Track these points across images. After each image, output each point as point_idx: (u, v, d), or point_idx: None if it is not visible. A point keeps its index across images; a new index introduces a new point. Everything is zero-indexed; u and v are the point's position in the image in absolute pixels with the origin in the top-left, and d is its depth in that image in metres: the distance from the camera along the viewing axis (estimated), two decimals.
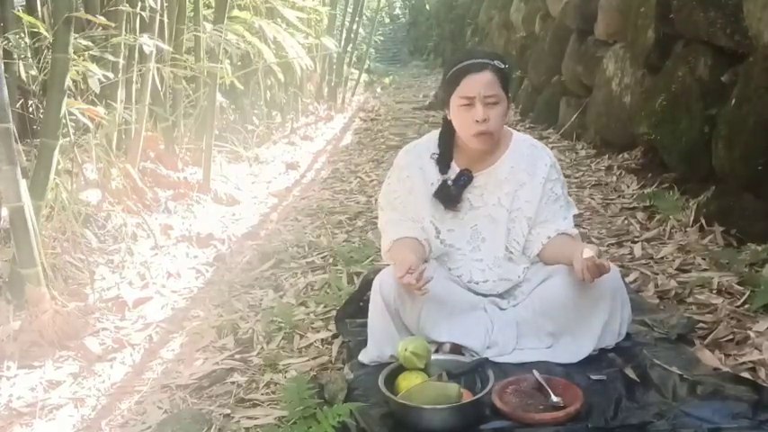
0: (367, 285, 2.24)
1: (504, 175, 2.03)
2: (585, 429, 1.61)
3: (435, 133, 2.12)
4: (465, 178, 2.03)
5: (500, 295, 2.07)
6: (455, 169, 2.05)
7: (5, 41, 3.00)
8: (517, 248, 2.03)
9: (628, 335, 1.99)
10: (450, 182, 2.04)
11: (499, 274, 2.04)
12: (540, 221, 2.02)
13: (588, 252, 1.75)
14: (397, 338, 1.90)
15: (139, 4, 3.57)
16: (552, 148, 2.17)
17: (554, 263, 2.00)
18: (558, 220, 2.03)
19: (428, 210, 2.06)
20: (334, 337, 2.29)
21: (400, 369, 1.80)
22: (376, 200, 2.99)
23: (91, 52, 3.25)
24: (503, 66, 1.94)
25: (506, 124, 2.07)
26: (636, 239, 3.00)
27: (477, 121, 1.91)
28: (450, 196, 2.04)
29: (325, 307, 2.55)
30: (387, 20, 18.16)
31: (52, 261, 2.66)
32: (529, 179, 2.02)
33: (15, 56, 3.21)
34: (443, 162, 2.06)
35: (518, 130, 2.21)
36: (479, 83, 1.90)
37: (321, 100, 8.15)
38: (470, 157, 2.05)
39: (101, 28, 3.22)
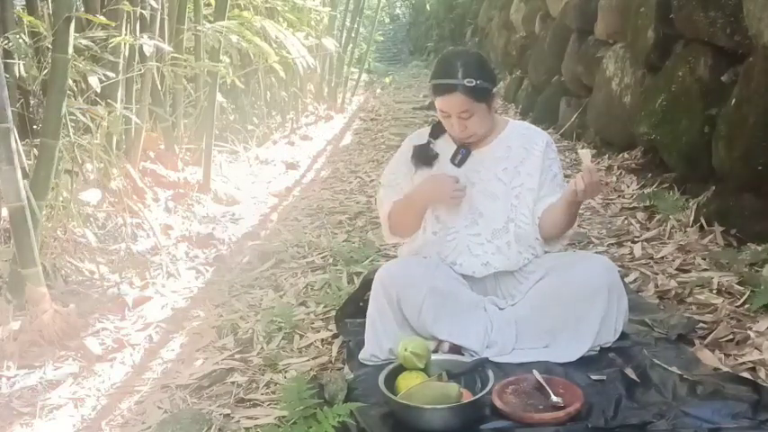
0: (367, 285, 2.24)
1: (500, 153, 2.09)
2: (585, 429, 1.61)
3: None
4: (464, 152, 2.08)
5: (499, 295, 2.09)
6: (452, 145, 2.10)
7: (5, 41, 3.00)
8: (525, 221, 2.05)
9: (628, 335, 1.99)
10: (434, 150, 2.11)
11: (497, 246, 2.06)
12: (541, 196, 2.06)
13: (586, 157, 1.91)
14: (396, 331, 1.93)
15: (140, 3, 3.57)
16: None
17: (553, 227, 2.04)
18: (554, 196, 2.05)
19: None
20: (335, 337, 2.29)
21: (400, 369, 1.81)
22: (376, 200, 2.99)
23: (91, 52, 3.25)
24: (473, 83, 1.93)
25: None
26: (636, 239, 3.00)
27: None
28: (427, 156, 2.11)
29: (325, 307, 2.55)
30: (387, 20, 18.14)
31: (52, 261, 2.66)
32: (527, 154, 2.08)
33: (15, 56, 3.21)
34: (435, 131, 2.15)
35: None
36: (450, 103, 1.97)
37: (321, 100, 8.15)
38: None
39: (101, 28, 3.22)
